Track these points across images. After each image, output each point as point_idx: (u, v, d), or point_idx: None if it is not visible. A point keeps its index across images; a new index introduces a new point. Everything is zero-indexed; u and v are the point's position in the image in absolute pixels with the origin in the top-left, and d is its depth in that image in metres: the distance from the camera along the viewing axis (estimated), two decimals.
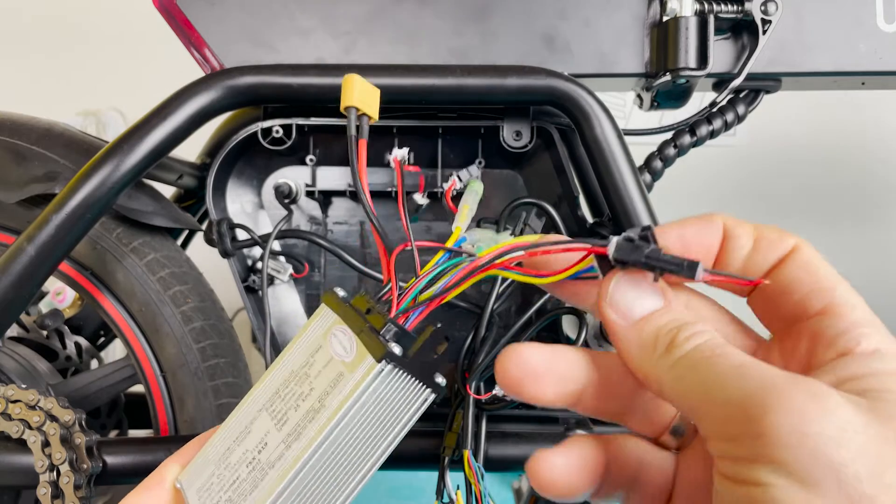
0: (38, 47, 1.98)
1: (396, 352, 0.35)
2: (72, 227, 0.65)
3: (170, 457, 0.42)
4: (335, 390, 0.36)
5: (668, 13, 0.71)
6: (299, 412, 0.37)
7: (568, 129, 0.77)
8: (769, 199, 1.66)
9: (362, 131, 0.45)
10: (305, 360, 0.39)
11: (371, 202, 0.44)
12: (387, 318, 0.37)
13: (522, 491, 1.34)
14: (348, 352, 0.37)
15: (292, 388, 0.39)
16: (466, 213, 0.50)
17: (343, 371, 0.37)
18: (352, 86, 0.46)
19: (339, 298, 0.41)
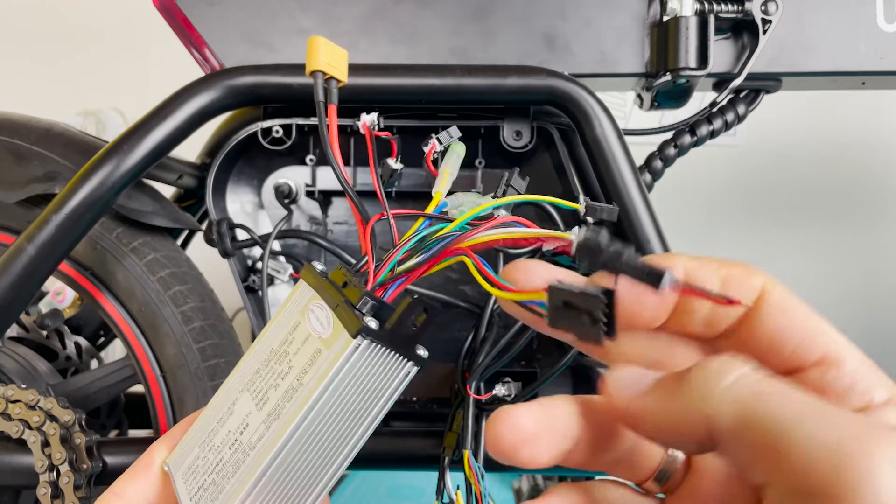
0: (38, 47, 1.98)
1: (372, 326, 0.34)
2: (72, 227, 0.65)
3: (158, 440, 0.41)
4: (312, 368, 0.35)
5: (668, 13, 0.71)
6: (279, 391, 0.36)
7: (568, 129, 0.77)
8: (769, 199, 1.66)
9: (331, 95, 0.43)
10: (285, 338, 0.38)
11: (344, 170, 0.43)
12: (363, 292, 0.35)
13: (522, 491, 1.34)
14: (325, 328, 0.36)
15: (272, 366, 0.38)
16: (447, 176, 0.48)
17: (320, 348, 0.35)
18: (317, 48, 0.43)
19: (316, 273, 0.39)
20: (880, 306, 1.60)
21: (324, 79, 0.44)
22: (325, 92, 0.44)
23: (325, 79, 0.44)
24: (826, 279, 1.63)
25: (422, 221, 0.40)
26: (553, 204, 0.38)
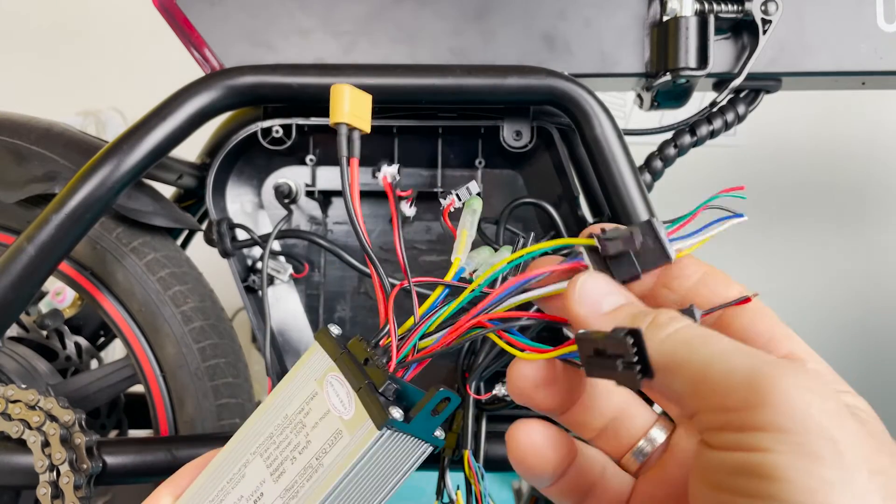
0: (37, 47, 1.98)
1: (398, 417, 0.34)
2: (72, 227, 0.65)
3: (163, 484, 0.41)
4: (333, 450, 0.36)
5: (668, 13, 0.71)
6: (296, 466, 0.37)
7: (568, 129, 0.77)
8: (769, 199, 1.65)
9: (353, 148, 0.42)
10: (300, 406, 0.38)
11: (364, 230, 0.42)
12: (386, 374, 0.36)
13: (522, 491, 1.34)
14: (346, 407, 0.36)
15: (287, 435, 0.38)
16: (465, 239, 0.48)
17: (341, 429, 0.36)
18: (341, 98, 0.42)
19: (333, 339, 0.39)
20: (880, 306, 1.60)
21: (348, 130, 0.43)
22: (348, 144, 0.43)
23: (349, 130, 0.43)
24: (826, 279, 1.62)
25: (441, 290, 0.40)
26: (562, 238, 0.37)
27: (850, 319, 1.60)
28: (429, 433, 0.37)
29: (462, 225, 0.49)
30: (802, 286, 1.64)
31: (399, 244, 0.44)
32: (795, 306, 1.64)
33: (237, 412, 0.81)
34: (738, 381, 0.24)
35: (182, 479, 0.41)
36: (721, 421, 0.25)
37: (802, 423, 0.23)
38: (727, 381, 0.25)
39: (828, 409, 0.24)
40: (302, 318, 0.85)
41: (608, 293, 0.30)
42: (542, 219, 0.82)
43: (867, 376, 1.58)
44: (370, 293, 0.86)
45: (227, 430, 0.79)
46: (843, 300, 1.61)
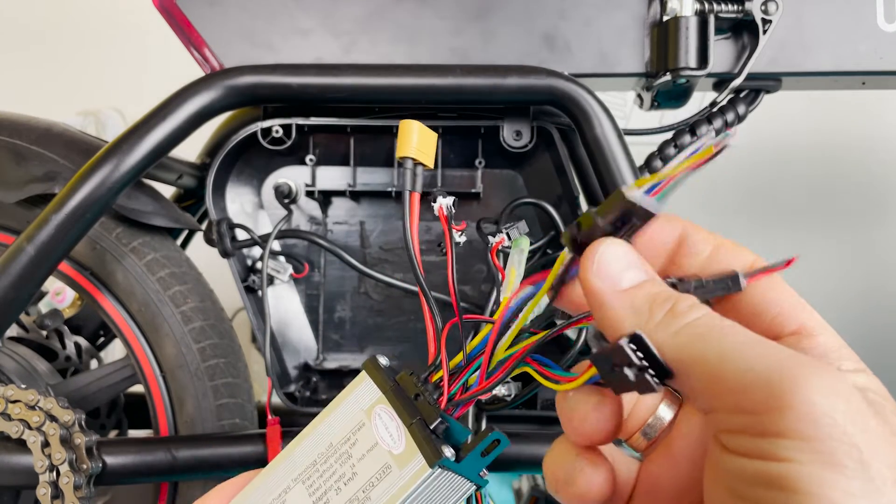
0: (38, 47, 1.98)
1: (449, 456, 0.35)
2: (71, 227, 0.65)
3: None
4: (382, 484, 0.36)
5: (668, 13, 0.71)
6: (341, 497, 0.37)
7: (568, 129, 0.77)
8: (769, 199, 1.65)
9: (416, 183, 0.43)
10: (346, 436, 0.38)
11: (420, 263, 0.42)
12: (437, 411, 0.36)
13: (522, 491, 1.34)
14: (396, 442, 0.36)
15: (332, 464, 0.38)
16: (514, 279, 0.48)
17: (390, 464, 0.36)
18: (410, 133, 0.43)
19: (381, 370, 0.39)
20: (880, 306, 1.60)
21: (413, 165, 0.43)
22: (412, 178, 0.43)
23: (414, 165, 0.43)
24: (826, 279, 1.62)
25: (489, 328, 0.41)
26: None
27: (851, 319, 1.60)
28: (475, 473, 0.37)
29: (511, 263, 0.50)
30: (802, 286, 1.63)
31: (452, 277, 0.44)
32: None
33: (237, 412, 0.81)
34: (756, 381, 0.23)
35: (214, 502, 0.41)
36: (738, 423, 0.24)
37: (826, 429, 0.21)
38: (744, 380, 0.23)
39: (851, 413, 0.22)
40: (302, 318, 0.85)
41: (628, 266, 0.28)
42: (543, 219, 0.82)
43: None
44: (370, 293, 0.86)
45: (227, 429, 0.79)
46: (844, 300, 1.61)
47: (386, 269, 0.85)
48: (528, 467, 0.69)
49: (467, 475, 0.37)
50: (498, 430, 0.36)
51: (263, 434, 0.69)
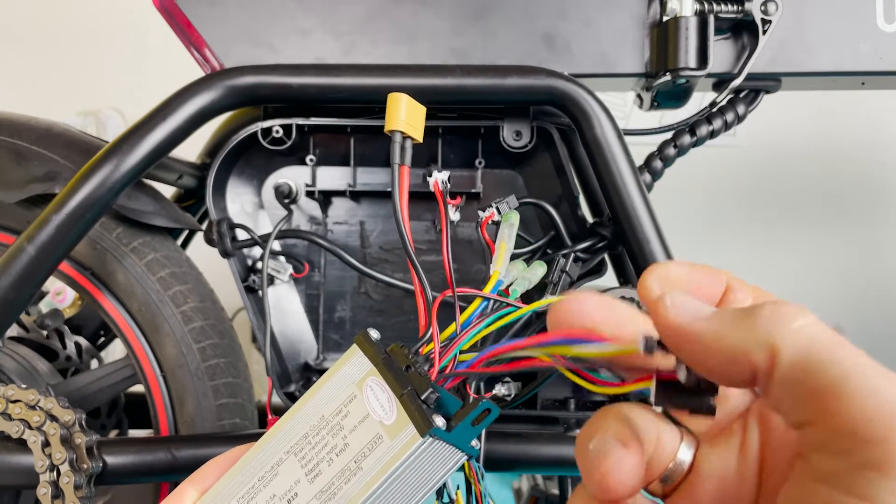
0: (37, 47, 1.98)
1: (440, 425, 0.35)
2: (72, 227, 0.65)
3: (187, 480, 0.41)
4: (373, 455, 0.36)
5: (668, 13, 0.71)
6: (333, 468, 0.37)
7: (568, 129, 0.77)
8: (769, 199, 1.65)
9: (405, 156, 0.43)
10: (338, 408, 0.38)
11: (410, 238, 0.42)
12: (429, 382, 0.36)
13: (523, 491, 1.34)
14: (387, 413, 0.36)
15: (324, 436, 0.38)
16: (504, 252, 0.48)
17: (382, 434, 0.36)
18: (398, 106, 0.43)
19: (373, 343, 0.39)
20: (880, 306, 1.60)
21: (402, 138, 0.44)
22: (401, 152, 0.43)
23: (402, 138, 0.44)
24: (826, 279, 1.63)
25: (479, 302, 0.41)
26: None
27: (851, 318, 1.60)
28: (466, 443, 0.37)
29: (500, 238, 0.50)
30: (802, 285, 1.64)
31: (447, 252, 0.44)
32: None
33: (237, 412, 0.81)
34: (879, 411, 0.21)
35: (207, 476, 0.41)
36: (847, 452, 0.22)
37: None
38: (863, 406, 0.21)
39: None
40: (302, 318, 0.86)
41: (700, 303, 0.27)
42: (543, 219, 0.82)
43: None
44: (370, 293, 0.86)
45: (227, 429, 0.79)
46: (844, 299, 1.61)
47: (386, 269, 0.85)
48: (528, 467, 0.69)
49: (458, 444, 0.37)
50: (488, 400, 0.36)
51: (264, 434, 0.69)
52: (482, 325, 0.39)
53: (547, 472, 0.71)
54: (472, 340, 0.39)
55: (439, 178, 0.48)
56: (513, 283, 0.49)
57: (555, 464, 0.68)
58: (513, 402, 0.67)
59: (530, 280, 0.51)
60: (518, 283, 0.50)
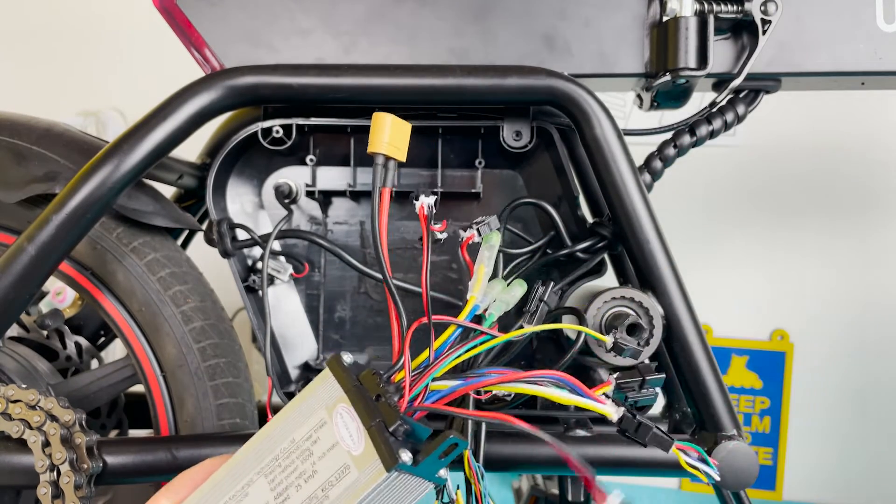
0: (38, 47, 1.98)
1: (406, 461, 0.35)
2: (72, 227, 0.65)
3: (161, 491, 0.41)
4: (340, 484, 0.36)
5: (667, 13, 0.71)
6: (301, 494, 0.37)
7: (568, 129, 0.77)
8: (769, 199, 1.65)
9: (387, 178, 0.42)
10: (308, 434, 0.39)
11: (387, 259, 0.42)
12: (398, 414, 0.37)
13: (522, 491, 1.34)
14: (356, 443, 0.37)
15: (293, 460, 0.39)
16: (482, 276, 0.48)
17: (349, 464, 0.37)
18: (383, 127, 0.43)
19: (345, 369, 0.39)
20: (880, 306, 1.60)
21: (384, 160, 0.43)
22: (384, 174, 0.43)
23: (385, 160, 0.43)
24: (826, 279, 1.62)
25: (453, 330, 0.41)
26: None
27: (851, 318, 1.60)
28: (432, 474, 0.38)
29: (479, 261, 0.49)
30: (802, 285, 1.64)
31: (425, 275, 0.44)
32: (796, 305, 1.64)
33: (237, 412, 0.81)
34: None
35: (180, 488, 0.41)
36: None
37: None
38: None
39: None
40: (302, 318, 0.86)
41: None
42: (542, 219, 0.82)
43: (867, 374, 1.58)
44: (370, 293, 0.86)
45: (227, 429, 0.79)
46: (844, 299, 1.61)
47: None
48: (528, 467, 0.69)
49: (425, 476, 0.38)
50: (455, 435, 0.36)
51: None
52: (455, 355, 0.40)
53: (547, 471, 0.71)
54: (445, 369, 0.39)
55: (426, 203, 0.47)
56: (490, 307, 0.48)
57: (555, 464, 0.68)
58: (512, 402, 0.67)
59: (508, 302, 0.50)
60: (495, 306, 0.49)
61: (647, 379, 0.50)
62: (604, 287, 0.68)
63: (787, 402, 1.65)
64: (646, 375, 0.50)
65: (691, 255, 1.66)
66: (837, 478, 1.65)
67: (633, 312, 0.65)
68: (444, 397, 0.38)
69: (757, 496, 1.66)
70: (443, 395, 0.38)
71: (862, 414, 1.61)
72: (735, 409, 0.68)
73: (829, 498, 1.66)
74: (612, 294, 0.66)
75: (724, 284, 1.66)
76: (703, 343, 0.67)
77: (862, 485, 1.64)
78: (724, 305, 1.67)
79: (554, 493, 1.25)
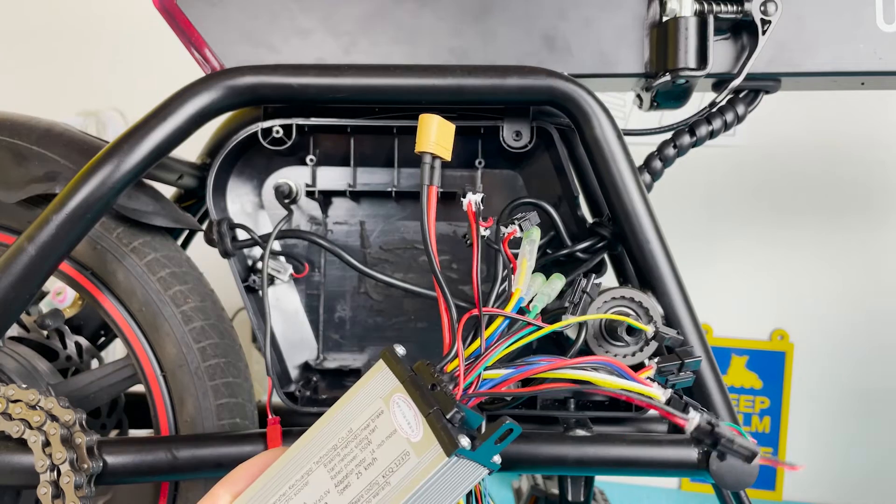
0: (38, 47, 1.98)
1: (466, 446, 0.37)
2: (72, 227, 0.65)
3: (219, 483, 0.42)
4: (401, 470, 0.38)
5: (667, 13, 0.71)
6: (362, 481, 0.38)
7: (568, 129, 0.77)
8: (769, 199, 1.66)
9: (434, 177, 0.44)
10: (366, 423, 0.40)
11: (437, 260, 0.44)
12: (454, 402, 0.38)
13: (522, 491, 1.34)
14: (414, 430, 0.38)
15: (352, 449, 0.40)
16: (526, 271, 0.50)
17: (409, 451, 0.38)
18: (430, 127, 0.44)
19: (399, 360, 0.41)
20: (880, 306, 1.60)
21: (432, 159, 0.45)
22: (430, 172, 0.44)
23: (432, 158, 0.45)
24: (826, 279, 1.63)
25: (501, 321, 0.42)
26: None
27: (851, 318, 1.60)
28: (488, 459, 0.39)
29: (522, 255, 0.51)
30: (802, 285, 1.64)
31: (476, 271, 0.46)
32: (796, 305, 1.64)
33: (237, 412, 0.81)
34: None
35: (239, 480, 0.42)
36: None
37: None
38: None
39: None
40: (302, 317, 0.86)
41: None
42: (542, 219, 0.82)
43: (868, 375, 1.59)
44: (370, 293, 0.86)
45: (227, 429, 0.79)
46: (844, 299, 1.61)
47: (386, 269, 0.85)
48: (528, 467, 0.69)
49: (481, 461, 0.39)
50: (511, 420, 0.38)
51: (264, 433, 0.69)
52: (506, 344, 0.42)
53: (547, 471, 0.71)
54: (496, 358, 0.41)
55: (473, 200, 0.49)
56: (533, 299, 0.50)
57: (555, 463, 0.68)
58: (513, 401, 0.67)
59: (549, 295, 0.52)
60: (538, 298, 0.51)
61: (685, 362, 0.52)
62: (604, 287, 0.68)
63: (786, 402, 1.65)
64: (684, 359, 0.52)
65: (691, 255, 1.66)
66: (837, 478, 1.65)
67: (633, 312, 0.65)
68: (497, 385, 0.41)
69: (757, 496, 1.67)
70: (496, 383, 0.41)
71: (862, 414, 1.61)
72: (735, 409, 0.68)
73: (829, 498, 1.66)
74: (612, 294, 0.66)
75: (724, 284, 1.66)
76: (703, 343, 0.67)
77: (862, 485, 1.64)
78: (724, 305, 1.67)
79: (554, 493, 1.25)
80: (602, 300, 0.66)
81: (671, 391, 0.40)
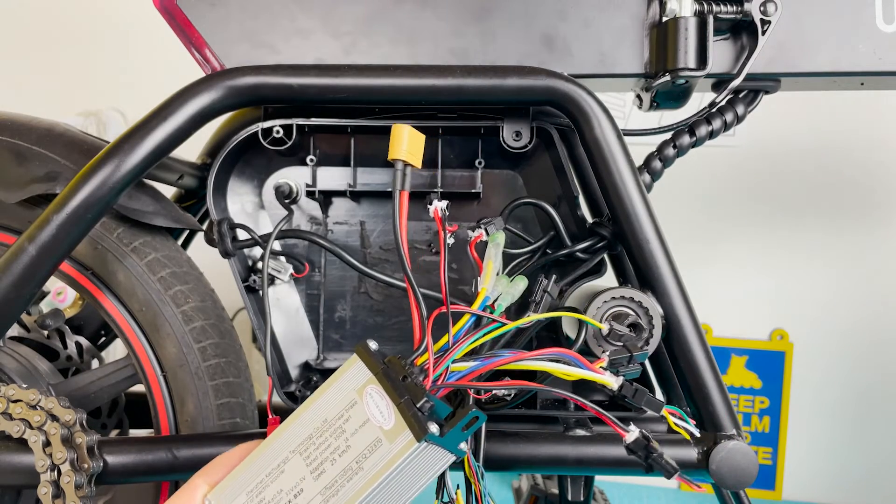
0: (38, 47, 1.98)
1: (435, 431, 0.39)
2: (73, 227, 0.66)
3: (198, 473, 0.44)
4: (374, 456, 0.40)
5: (667, 14, 0.71)
6: (336, 467, 0.41)
7: (568, 130, 0.77)
8: (769, 199, 1.66)
9: (405, 182, 0.47)
10: (340, 413, 0.42)
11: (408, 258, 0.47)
12: (423, 392, 0.41)
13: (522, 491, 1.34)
14: (386, 419, 0.41)
15: (327, 438, 0.42)
16: (491, 271, 0.54)
17: (381, 438, 0.40)
18: (401, 137, 0.48)
19: (372, 354, 0.43)
20: (880, 306, 1.60)
21: (403, 166, 0.48)
22: (402, 179, 0.48)
23: (404, 166, 0.48)
24: (826, 279, 1.63)
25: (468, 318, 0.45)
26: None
27: (851, 318, 1.60)
28: (455, 445, 0.42)
29: (488, 257, 0.55)
30: (802, 285, 1.64)
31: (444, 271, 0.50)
32: (796, 305, 1.64)
33: (238, 411, 0.81)
34: None
35: (216, 470, 0.44)
36: None
37: None
38: None
39: None
40: (302, 318, 0.86)
41: None
42: (542, 219, 0.82)
43: (867, 374, 1.59)
44: (370, 293, 0.86)
45: (227, 429, 0.80)
46: (844, 299, 1.61)
47: (386, 269, 0.85)
48: (528, 467, 0.69)
49: (449, 447, 0.42)
50: (476, 409, 0.41)
51: (264, 433, 0.69)
52: (472, 339, 0.45)
53: (546, 471, 0.71)
54: (463, 352, 0.44)
55: (439, 207, 0.53)
56: (498, 299, 0.53)
57: (554, 463, 0.68)
58: (512, 401, 0.67)
59: (513, 295, 0.56)
60: (503, 297, 0.54)
61: (633, 354, 0.59)
62: (604, 287, 0.69)
63: (786, 402, 1.65)
64: (633, 352, 0.59)
65: (691, 255, 1.66)
66: (837, 477, 1.65)
67: (632, 312, 0.65)
68: (464, 377, 0.43)
69: (756, 496, 1.67)
70: (463, 375, 0.44)
71: (862, 413, 1.61)
72: (734, 409, 0.68)
73: (829, 498, 1.66)
74: (612, 294, 0.66)
75: (724, 284, 1.66)
76: (702, 343, 0.67)
77: (861, 484, 1.64)
78: (724, 305, 1.67)
79: (554, 493, 1.25)
80: (602, 300, 0.66)
81: (623, 378, 0.46)
